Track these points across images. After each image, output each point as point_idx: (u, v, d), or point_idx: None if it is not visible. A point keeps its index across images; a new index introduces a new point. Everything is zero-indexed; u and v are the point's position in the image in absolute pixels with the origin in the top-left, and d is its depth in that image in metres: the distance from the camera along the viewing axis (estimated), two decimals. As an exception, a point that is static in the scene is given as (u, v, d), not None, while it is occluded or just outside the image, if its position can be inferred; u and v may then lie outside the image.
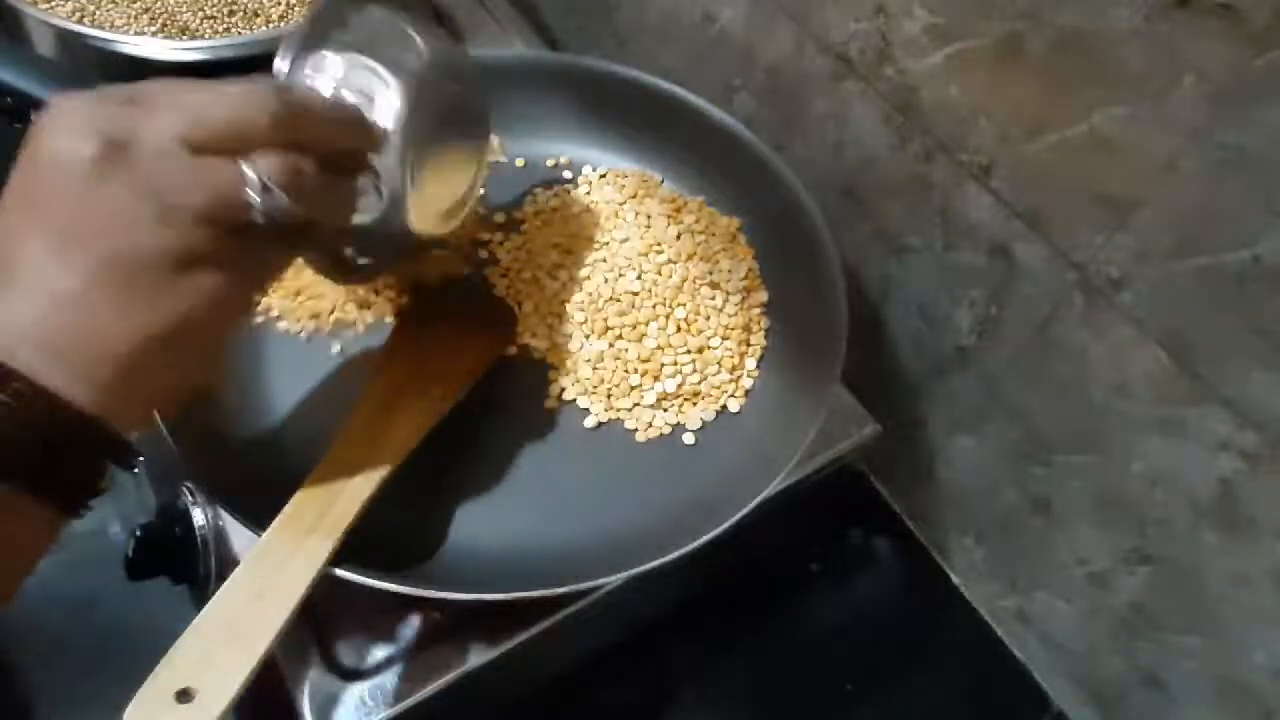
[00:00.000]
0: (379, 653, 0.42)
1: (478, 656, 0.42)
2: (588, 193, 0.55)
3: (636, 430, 0.47)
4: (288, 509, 0.36)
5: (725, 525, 0.39)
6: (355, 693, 0.41)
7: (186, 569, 0.48)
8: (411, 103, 0.37)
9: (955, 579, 0.58)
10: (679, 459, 0.46)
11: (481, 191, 0.55)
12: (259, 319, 0.49)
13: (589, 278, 0.49)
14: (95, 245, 0.27)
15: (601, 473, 0.45)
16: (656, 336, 0.48)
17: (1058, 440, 0.47)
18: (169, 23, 0.62)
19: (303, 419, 0.46)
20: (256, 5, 0.63)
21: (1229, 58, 0.32)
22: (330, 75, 0.36)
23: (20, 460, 0.26)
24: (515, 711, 0.51)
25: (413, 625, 0.43)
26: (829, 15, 0.49)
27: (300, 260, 0.39)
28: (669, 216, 0.52)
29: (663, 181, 0.56)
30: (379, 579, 0.37)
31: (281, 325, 0.49)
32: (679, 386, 0.47)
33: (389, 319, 0.49)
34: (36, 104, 0.54)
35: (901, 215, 0.51)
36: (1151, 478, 0.42)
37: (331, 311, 0.49)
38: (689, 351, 0.48)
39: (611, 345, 0.48)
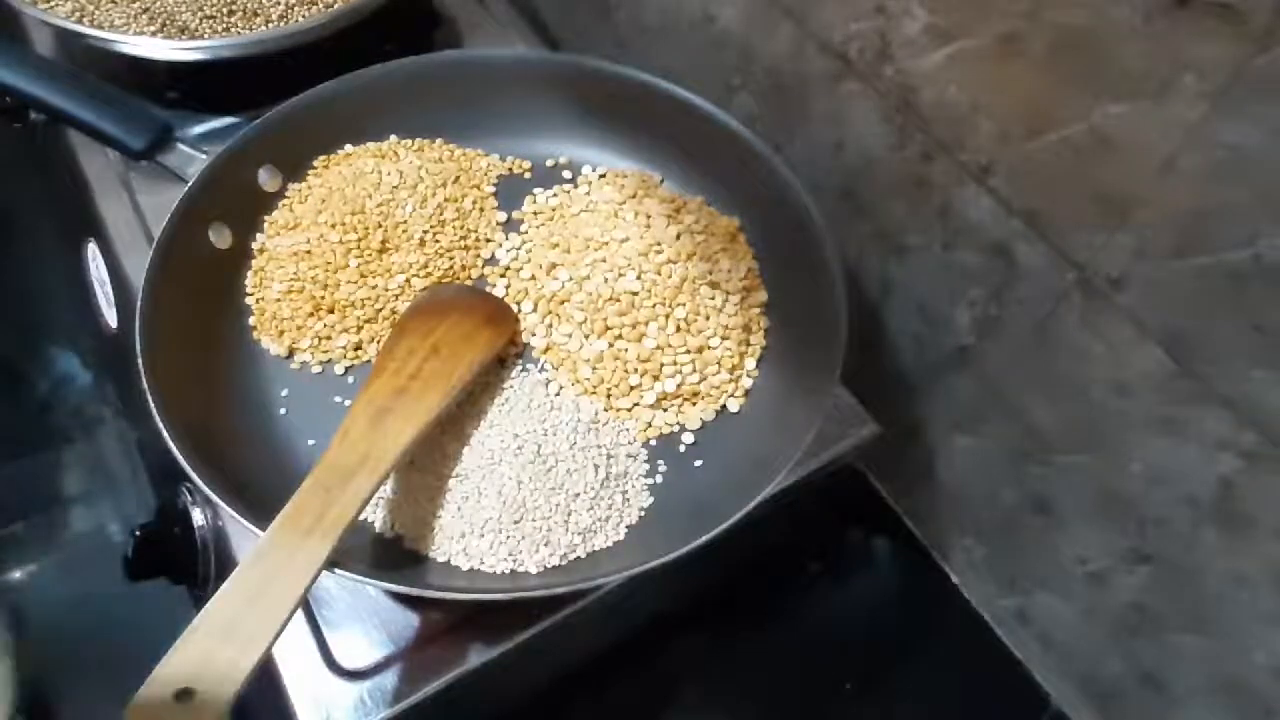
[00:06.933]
0: (379, 653, 0.42)
1: (478, 656, 0.42)
2: (588, 193, 0.55)
3: (636, 430, 0.47)
4: (287, 509, 0.36)
5: (725, 525, 0.39)
6: (355, 693, 0.41)
7: (186, 569, 0.48)
8: None
9: (955, 579, 0.58)
10: (679, 459, 0.46)
11: (492, 190, 0.55)
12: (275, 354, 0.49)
13: (588, 277, 0.49)
14: None
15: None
16: (656, 336, 0.48)
17: (1057, 440, 0.46)
18: (168, 23, 0.61)
19: (302, 420, 0.47)
20: (256, 5, 0.63)
21: (1229, 58, 0.32)
22: None
23: None
24: (515, 711, 0.51)
25: (413, 625, 0.43)
26: (829, 15, 0.49)
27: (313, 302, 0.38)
28: (669, 216, 0.52)
29: (662, 181, 0.56)
30: (379, 579, 0.37)
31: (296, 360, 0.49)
32: (679, 386, 0.47)
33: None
34: (36, 104, 0.54)
35: (901, 215, 0.51)
36: (1151, 477, 0.42)
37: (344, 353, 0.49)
38: (689, 351, 0.48)
39: (611, 345, 0.48)
